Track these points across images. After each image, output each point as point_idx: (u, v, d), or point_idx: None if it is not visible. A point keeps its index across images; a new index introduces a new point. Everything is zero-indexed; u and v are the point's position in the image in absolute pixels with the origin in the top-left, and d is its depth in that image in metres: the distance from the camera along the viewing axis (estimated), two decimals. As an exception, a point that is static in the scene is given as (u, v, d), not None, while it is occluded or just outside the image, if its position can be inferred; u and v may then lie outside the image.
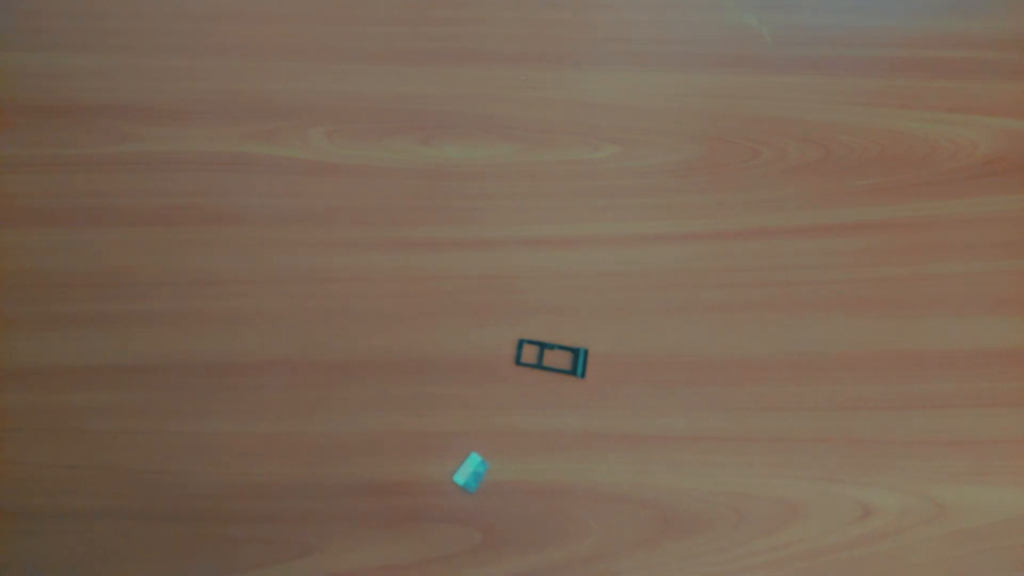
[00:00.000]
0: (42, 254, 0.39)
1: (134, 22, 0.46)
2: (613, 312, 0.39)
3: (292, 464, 0.35)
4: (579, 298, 0.40)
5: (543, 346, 0.37)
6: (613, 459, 0.35)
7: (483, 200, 0.42)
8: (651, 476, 0.35)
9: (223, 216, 0.41)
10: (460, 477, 0.34)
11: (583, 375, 0.37)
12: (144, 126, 0.43)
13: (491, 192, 0.43)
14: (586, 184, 0.44)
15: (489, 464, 0.35)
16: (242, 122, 0.44)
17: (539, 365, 0.37)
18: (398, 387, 0.36)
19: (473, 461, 0.34)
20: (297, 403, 0.36)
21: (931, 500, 0.35)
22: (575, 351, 0.37)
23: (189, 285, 0.38)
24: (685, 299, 0.39)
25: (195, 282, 0.39)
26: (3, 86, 0.44)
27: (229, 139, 0.43)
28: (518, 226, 0.42)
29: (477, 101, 0.46)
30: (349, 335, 0.38)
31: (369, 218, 0.41)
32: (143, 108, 0.43)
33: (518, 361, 0.37)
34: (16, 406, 0.35)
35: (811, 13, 0.53)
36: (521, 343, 0.37)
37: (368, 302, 0.39)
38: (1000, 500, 0.35)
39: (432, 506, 0.34)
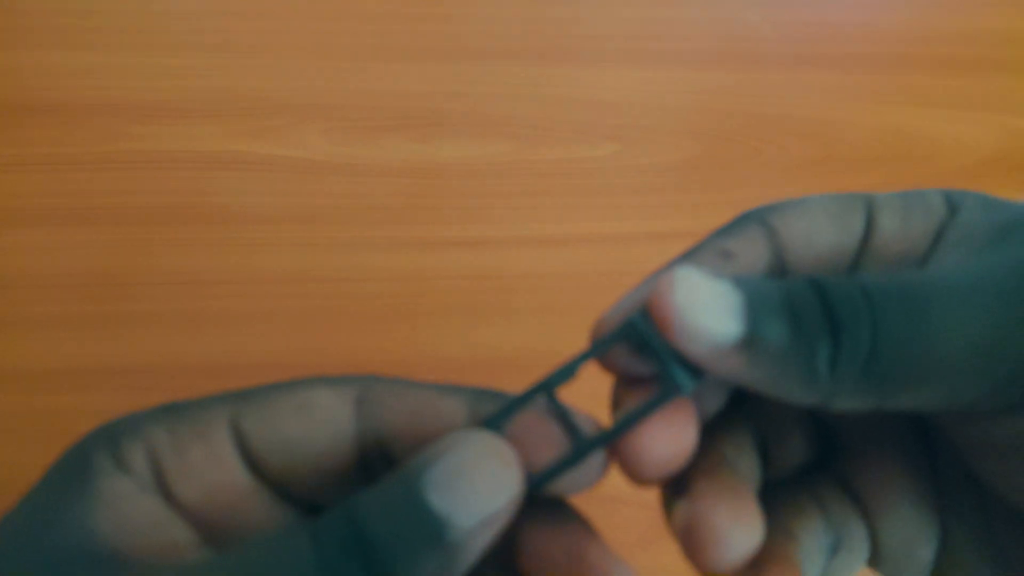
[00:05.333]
0: (33, 254, 0.38)
1: (125, 19, 0.45)
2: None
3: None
4: (578, 298, 0.39)
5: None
6: (612, 462, 0.35)
7: (479, 199, 0.42)
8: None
9: (216, 215, 0.40)
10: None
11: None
12: (136, 125, 0.42)
13: (487, 191, 0.42)
14: (584, 182, 0.43)
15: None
16: (235, 120, 0.43)
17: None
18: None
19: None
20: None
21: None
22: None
23: (182, 285, 0.38)
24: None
25: (188, 282, 0.38)
26: (-5, 84, 0.43)
27: (222, 137, 0.42)
28: (515, 225, 0.41)
29: (472, 98, 0.45)
30: (343, 336, 0.37)
31: (364, 217, 0.41)
32: (135, 106, 0.43)
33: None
34: (6, 408, 0.35)
35: (813, 8, 0.52)
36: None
37: (363, 303, 0.38)
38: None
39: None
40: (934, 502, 0.16)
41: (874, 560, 0.17)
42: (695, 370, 0.14)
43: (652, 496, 0.35)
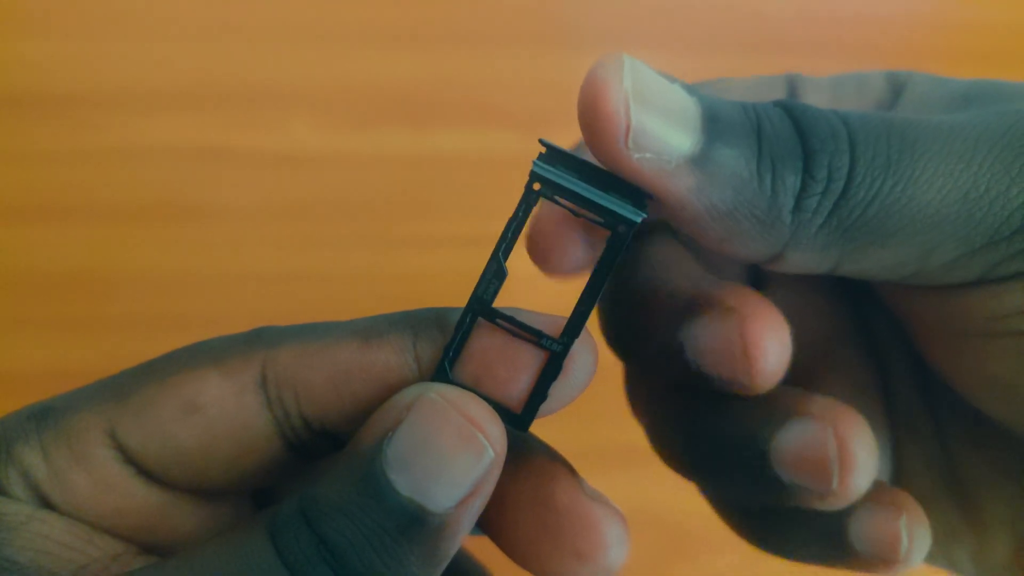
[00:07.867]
0: (8, 254, 0.37)
1: (97, 5, 0.44)
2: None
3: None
4: (582, 298, 0.38)
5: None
6: (618, 475, 0.34)
7: (479, 192, 0.41)
8: (660, 493, 0.33)
9: (200, 212, 0.39)
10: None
11: None
12: (113, 116, 0.41)
13: (487, 184, 0.41)
14: (590, 175, 0.42)
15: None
16: (216, 110, 0.42)
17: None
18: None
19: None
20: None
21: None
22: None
23: (164, 285, 0.37)
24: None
25: (171, 282, 0.37)
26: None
27: (202, 128, 0.41)
28: (517, 221, 0.40)
29: (471, 85, 0.44)
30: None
31: (356, 213, 0.40)
32: (112, 97, 0.41)
33: None
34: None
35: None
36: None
37: (355, 303, 0.37)
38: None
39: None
40: (885, 420, 0.16)
41: None
42: (636, 194, 0.11)
43: (663, 513, 0.34)
